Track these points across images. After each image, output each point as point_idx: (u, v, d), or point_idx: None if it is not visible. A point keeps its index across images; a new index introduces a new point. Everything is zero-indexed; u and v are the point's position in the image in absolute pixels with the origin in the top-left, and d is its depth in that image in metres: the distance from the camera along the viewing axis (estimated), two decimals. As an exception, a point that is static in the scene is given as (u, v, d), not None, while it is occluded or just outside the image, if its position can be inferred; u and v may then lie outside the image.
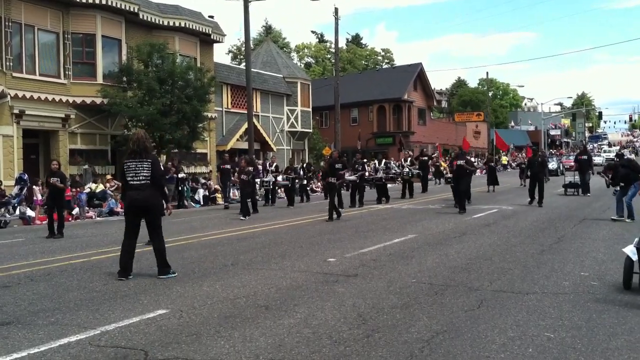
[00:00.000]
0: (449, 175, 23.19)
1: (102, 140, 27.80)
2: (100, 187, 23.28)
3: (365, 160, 25.68)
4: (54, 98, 25.23)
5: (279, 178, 26.09)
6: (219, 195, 27.99)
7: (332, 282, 8.44)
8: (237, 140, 36.27)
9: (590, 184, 25.67)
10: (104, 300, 7.62)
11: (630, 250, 7.85)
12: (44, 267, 10.35)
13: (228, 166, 25.53)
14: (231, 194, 26.33)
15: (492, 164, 31.54)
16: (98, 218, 21.55)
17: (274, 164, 26.97)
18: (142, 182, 9.02)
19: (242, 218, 18.91)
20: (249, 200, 20.27)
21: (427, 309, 6.87)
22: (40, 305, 7.47)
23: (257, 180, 25.54)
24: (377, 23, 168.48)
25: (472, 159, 35.98)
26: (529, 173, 22.31)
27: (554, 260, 9.92)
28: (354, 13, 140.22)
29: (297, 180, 26.59)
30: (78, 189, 22.52)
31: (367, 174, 24.13)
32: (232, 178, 23.32)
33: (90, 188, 22.96)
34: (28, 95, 24.18)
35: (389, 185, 25.73)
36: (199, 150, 31.22)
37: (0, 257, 11.77)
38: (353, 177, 22.17)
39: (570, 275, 8.76)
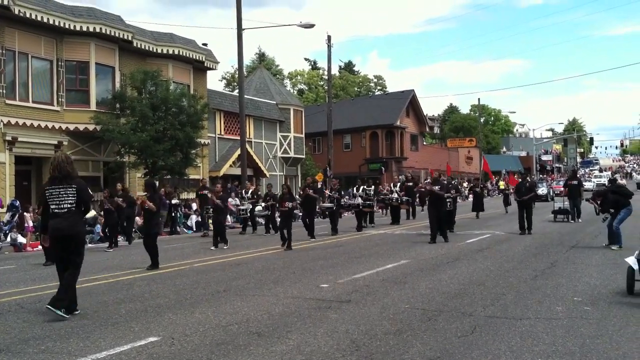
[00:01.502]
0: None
1: (94, 167, 27.81)
2: (93, 213, 23.16)
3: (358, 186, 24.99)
4: (47, 125, 25.27)
5: (258, 207, 25.14)
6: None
7: (325, 308, 8.40)
8: (230, 166, 36.30)
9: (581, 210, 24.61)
10: (94, 328, 7.55)
11: (631, 260, 9.03)
12: (35, 295, 10.27)
13: (206, 192, 24.17)
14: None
15: (478, 189, 30.44)
16: (90, 245, 21.42)
17: (250, 191, 25.97)
18: (66, 209, 8.30)
19: (225, 247, 17.69)
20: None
21: (421, 335, 6.83)
22: (30, 333, 7.40)
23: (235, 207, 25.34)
24: (370, 50, 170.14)
25: (461, 185, 35.43)
26: (514, 199, 21.78)
27: (547, 286, 9.91)
28: (347, 41, 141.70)
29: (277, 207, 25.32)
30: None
31: (343, 201, 23.54)
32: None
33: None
34: (21, 122, 24.22)
35: (373, 211, 25.57)
36: (191, 177, 31.22)
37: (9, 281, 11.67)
38: (329, 204, 21.81)
39: (564, 300, 8.74)
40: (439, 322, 7.44)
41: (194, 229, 26.70)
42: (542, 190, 45.08)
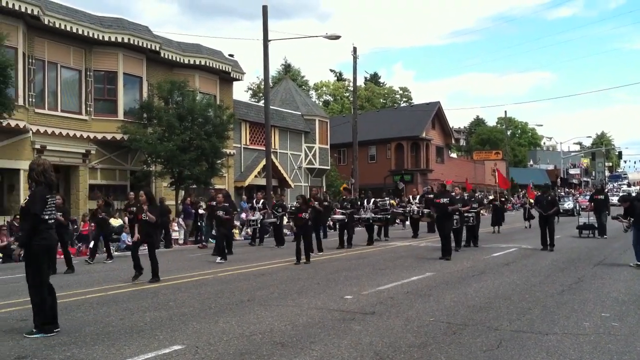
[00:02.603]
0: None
1: (121, 176, 28.08)
2: (119, 222, 23.39)
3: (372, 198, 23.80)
4: (75, 134, 25.58)
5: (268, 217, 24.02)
6: (236, 230, 27.99)
7: (348, 320, 8.37)
8: (255, 176, 36.42)
9: (607, 226, 23.52)
10: (120, 335, 7.60)
11: None
12: (61, 302, 10.32)
13: (214, 203, 22.20)
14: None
15: (497, 202, 28.89)
16: (116, 253, 21.59)
17: (261, 201, 24.81)
18: (53, 220, 8.03)
19: (218, 261, 16.64)
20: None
21: (445, 349, 6.77)
22: (56, 339, 7.47)
23: (243, 217, 24.86)
24: (395, 62, 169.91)
25: (486, 198, 33.99)
26: (533, 213, 21.12)
27: (574, 301, 9.78)
28: (373, 52, 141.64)
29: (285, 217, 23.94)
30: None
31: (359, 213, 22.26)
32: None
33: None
34: (50, 130, 24.56)
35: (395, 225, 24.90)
36: (217, 186, 31.36)
37: (17, 291, 11.80)
38: (341, 217, 21.08)
39: (591, 315, 8.62)
40: (464, 336, 7.37)
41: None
42: (568, 204, 44.42)
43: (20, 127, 22.45)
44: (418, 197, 27.72)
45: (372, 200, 23.11)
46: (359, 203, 22.77)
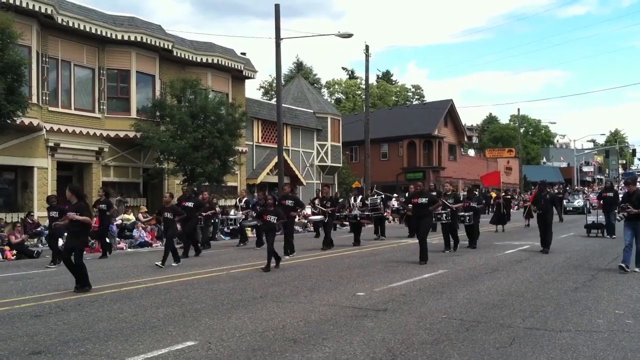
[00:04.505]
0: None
1: (134, 173, 28.20)
2: (132, 218, 23.51)
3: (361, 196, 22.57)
4: (88, 132, 25.72)
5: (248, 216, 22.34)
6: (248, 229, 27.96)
7: (361, 317, 8.36)
8: (267, 174, 36.47)
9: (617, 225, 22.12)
10: (133, 331, 7.64)
11: None
12: (75, 297, 10.43)
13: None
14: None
15: (501, 200, 27.26)
16: (129, 249, 21.70)
17: (244, 200, 23.40)
18: None
19: (173, 264, 15.38)
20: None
21: (458, 346, 6.76)
22: (70, 335, 7.52)
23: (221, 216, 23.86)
24: (408, 61, 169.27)
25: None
26: (533, 211, 19.34)
27: (588, 298, 9.73)
28: (385, 51, 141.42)
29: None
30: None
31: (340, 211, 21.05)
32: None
33: (121, 219, 23.19)
34: (63, 128, 24.70)
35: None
36: (229, 184, 31.44)
37: (32, 287, 11.90)
38: (319, 217, 19.91)
39: (605, 313, 8.57)
40: (477, 333, 7.35)
41: (231, 236, 26.78)
42: (578, 202, 44.10)
43: (34, 125, 22.59)
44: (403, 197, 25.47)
45: (360, 197, 22.01)
46: (343, 200, 21.70)
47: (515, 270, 13.40)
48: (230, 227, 23.86)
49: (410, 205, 15.90)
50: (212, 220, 24.03)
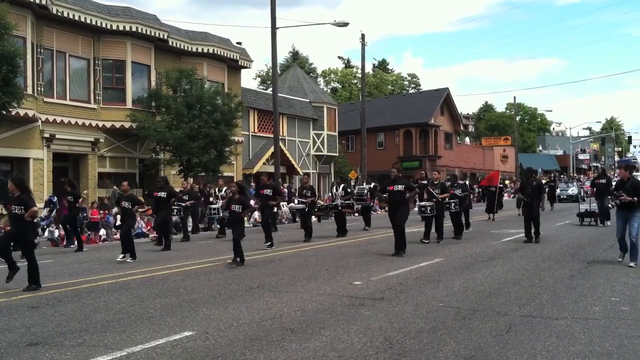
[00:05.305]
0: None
1: (130, 164, 28.17)
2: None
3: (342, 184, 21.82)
4: (84, 122, 25.67)
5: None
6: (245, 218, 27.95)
7: (358, 306, 8.39)
8: (264, 164, 36.45)
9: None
10: (130, 322, 7.65)
11: None
12: (72, 289, 10.44)
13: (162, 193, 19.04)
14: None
15: (493, 188, 26.59)
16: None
17: (224, 189, 22.26)
18: None
19: (128, 260, 14.40)
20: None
21: (455, 334, 6.78)
22: (67, 326, 7.53)
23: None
24: (404, 49, 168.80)
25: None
26: (519, 198, 18.76)
27: (584, 285, 9.76)
28: (381, 39, 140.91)
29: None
30: (106, 212, 22.82)
31: (321, 201, 20.79)
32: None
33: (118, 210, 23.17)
34: (59, 119, 24.65)
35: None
36: (225, 174, 31.42)
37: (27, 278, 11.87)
38: (300, 205, 19.19)
39: (601, 300, 8.61)
40: (473, 321, 7.38)
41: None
42: (572, 190, 43.95)
43: (29, 116, 22.52)
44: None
45: (342, 186, 21.34)
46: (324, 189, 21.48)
47: (511, 258, 13.43)
48: (214, 216, 23.31)
49: (385, 194, 14.77)
50: (200, 209, 23.63)
